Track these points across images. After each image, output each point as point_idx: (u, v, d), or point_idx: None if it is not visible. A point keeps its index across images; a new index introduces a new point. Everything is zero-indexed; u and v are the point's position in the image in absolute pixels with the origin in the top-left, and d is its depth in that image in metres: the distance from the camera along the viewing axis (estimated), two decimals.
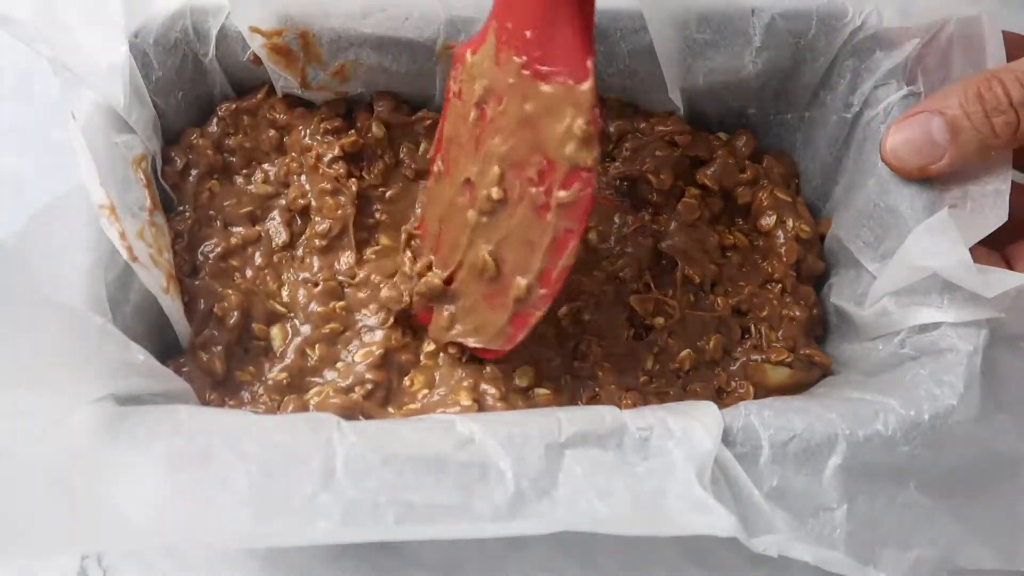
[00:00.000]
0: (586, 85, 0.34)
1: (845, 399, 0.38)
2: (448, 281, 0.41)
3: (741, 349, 0.44)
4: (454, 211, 0.39)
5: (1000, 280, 0.36)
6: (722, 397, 0.43)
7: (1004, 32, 0.39)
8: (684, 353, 0.43)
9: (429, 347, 0.42)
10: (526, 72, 0.35)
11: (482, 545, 0.43)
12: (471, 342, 0.40)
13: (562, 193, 0.35)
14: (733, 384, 0.43)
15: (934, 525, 0.36)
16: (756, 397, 0.42)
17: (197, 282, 0.42)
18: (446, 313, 0.41)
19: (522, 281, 0.37)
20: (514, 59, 0.36)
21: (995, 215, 0.38)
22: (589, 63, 0.34)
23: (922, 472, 0.36)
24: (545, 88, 0.35)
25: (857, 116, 0.43)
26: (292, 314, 0.43)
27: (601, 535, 0.32)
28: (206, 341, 0.41)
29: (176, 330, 0.40)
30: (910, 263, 0.38)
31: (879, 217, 0.41)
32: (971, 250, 0.36)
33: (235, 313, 0.41)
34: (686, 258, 0.44)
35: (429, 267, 0.41)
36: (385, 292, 0.42)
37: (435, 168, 0.41)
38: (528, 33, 0.35)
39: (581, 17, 0.34)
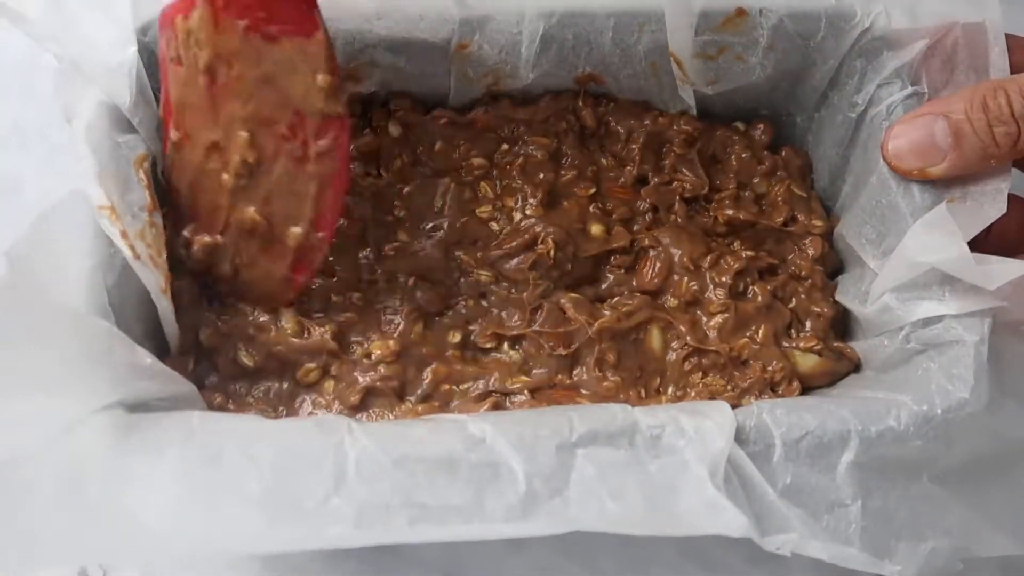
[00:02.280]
0: (318, 35, 0.35)
1: (857, 396, 0.38)
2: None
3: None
4: (205, 176, 0.39)
5: (1002, 271, 0.36)
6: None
7: (1007, 36, 0.39)
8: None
9: (454, 338, 0.42)
10: (252, 35, 0.35)
11: (482, 544, 0.42)
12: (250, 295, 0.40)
13: (321, 143, 0.37)
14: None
15: (948, 515, 0.36)
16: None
17: None
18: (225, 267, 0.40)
19: (297, 230, 0.39)
20: (236, 23, 0.35)
21: (994, 209, 0.38)
22: (315, 15, 0.35)
23: (935, 464, 0.36)
24: (276, 47, 0.36)
25: (862, 115, 0.43)
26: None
27: (601, 533, 0.32)
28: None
29: (165, 331, 0.40)
30: (909, 258, 0.38)
31: (881, 214, 0.41)
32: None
33: None
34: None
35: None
36: None
37: (172, 136, 0.39)
38: None
39: None
